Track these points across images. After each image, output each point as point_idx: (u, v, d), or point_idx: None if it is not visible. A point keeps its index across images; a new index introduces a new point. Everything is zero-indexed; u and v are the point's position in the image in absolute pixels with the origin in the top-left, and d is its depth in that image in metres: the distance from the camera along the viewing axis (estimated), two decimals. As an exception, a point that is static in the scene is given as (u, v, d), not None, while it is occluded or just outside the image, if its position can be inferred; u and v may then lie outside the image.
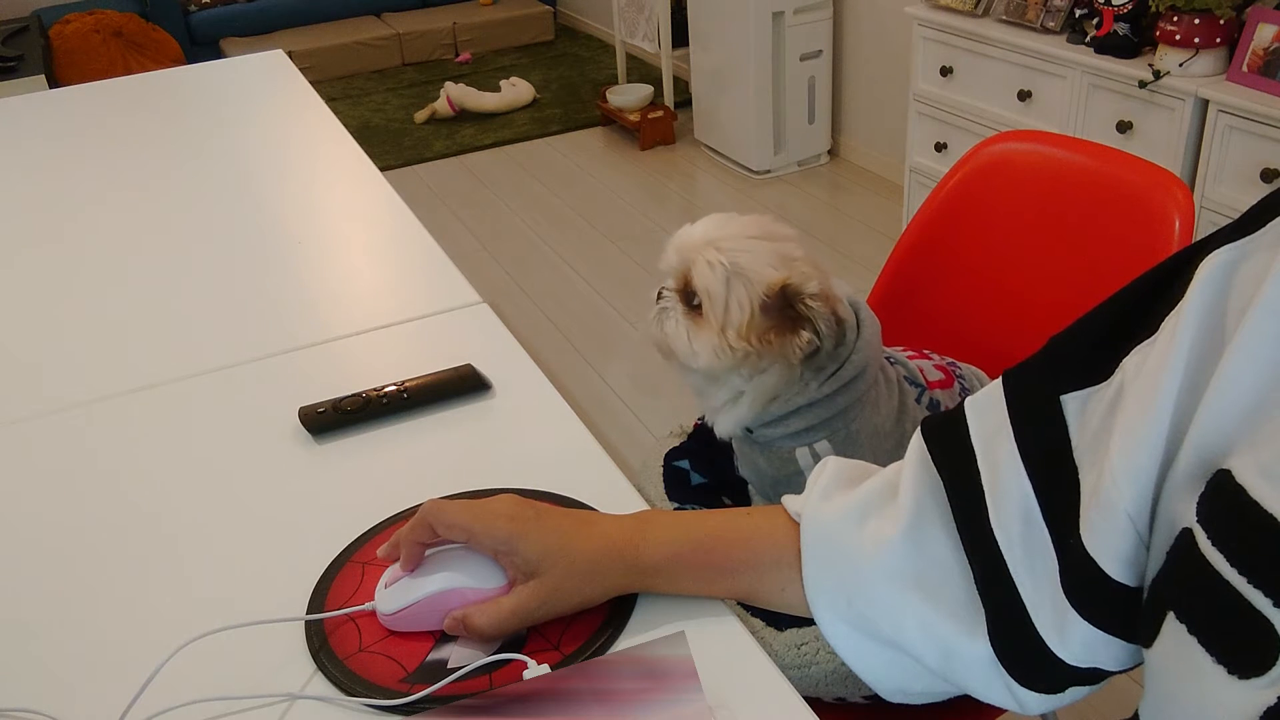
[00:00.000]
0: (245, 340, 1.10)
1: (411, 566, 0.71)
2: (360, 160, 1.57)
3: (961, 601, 0.62)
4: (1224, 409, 0.48)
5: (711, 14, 3.69)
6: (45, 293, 1.24)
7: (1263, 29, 2.08)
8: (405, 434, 0.93)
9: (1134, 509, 0.52)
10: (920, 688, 0.66)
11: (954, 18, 2.68)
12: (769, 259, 0.99)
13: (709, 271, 0.98)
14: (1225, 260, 0.50)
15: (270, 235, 1.35)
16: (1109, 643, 0.56)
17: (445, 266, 1.23)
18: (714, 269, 0.98)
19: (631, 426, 2.52)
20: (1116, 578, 0.54)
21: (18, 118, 1.86)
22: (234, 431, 0.95)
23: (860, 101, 3.70)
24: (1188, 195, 1.10)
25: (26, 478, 0.92)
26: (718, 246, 0.99)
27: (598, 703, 0.62)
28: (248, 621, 0.71)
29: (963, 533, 0.61)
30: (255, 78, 2.04)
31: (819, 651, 0.99)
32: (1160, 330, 0.53)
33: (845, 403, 1.02)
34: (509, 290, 3.17)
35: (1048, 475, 0.57)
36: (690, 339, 1.01)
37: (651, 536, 0.71)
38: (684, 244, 1.02)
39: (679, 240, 1.03)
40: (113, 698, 0.66)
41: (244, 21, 5.23)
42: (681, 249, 1.02)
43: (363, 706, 0.66)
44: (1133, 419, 0.52)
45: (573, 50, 5.42)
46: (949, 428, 0.63)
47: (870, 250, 3.21)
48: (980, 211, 1.28)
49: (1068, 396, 0.57)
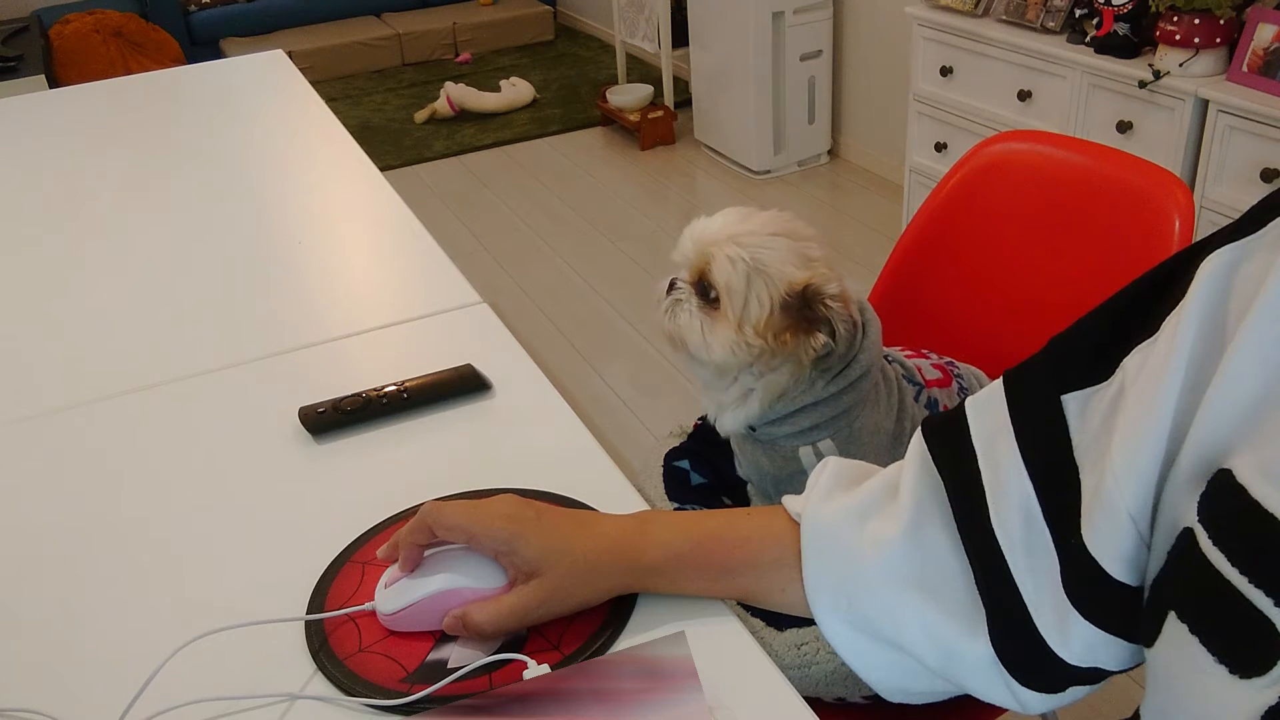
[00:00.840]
0: (245, 340, 1.10)
1: (410, 568, 0.71)
2: (360, 160, 1.57)
3: (962, 601, 0.62)
4: (1225, 409, 0.48)
5: (711, 14, 3.69)
6: (45, 292, 1.24)
7: (1263, 29, 2.08)
8: (405, 434, 0.93)
9: (1135, 509, 0.52)
10: (921, 688, 0.67)
11: (954, 18, 2.68)
12: (790, 257, 0.98)
13: (730, 266, 0.97)
14: (1226, 260, 0.50)
15: (270, 235, 1.35)
16: (1110, 642, 0.56)
17: (445, 266, 1.23)
18: (735, 264, 0.97)
19: (631, 426, 2.52)
20: (1118, 577, 0.54)
21: (18, 118, 1.86)
22: (234, 432, 0.95)
23: (860, 101, 3.70)
24: (1188, 195, 1.10)
25: (26, 478, 0.92)
26: (739, 242, 0.98)
27: (598, 703, 0.62)
28: (248, 621, 0.71)
29: (963, 533, 0.61)
30: (255, 78, 2.04)
31: (819, 651, 0.99)
32: (1161, 330, 0.53)
33: (850, 402, 1.02)
34: (509, 290, 3.17)
35: (1049, 475, 0.57)
36: (705, 333, 1.00)
37: (652, 537, 0.71)
38: (702, 236, 1.00)
39: (697, 232, 1.01)
40: (113, 698, 0.66)
41: (244, 21, 5.23)
42: (699, 241, 1.00)
43: (363, 706, 0.66)
44: (1134, 419, 0.52)
45: (573, 50, 5.42)
46: (950, 428, 0.63)
47: (870, 250, 3.21)
48: (980, 211, 1.28)
49: (1068, 396, 0.57)
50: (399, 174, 4.02)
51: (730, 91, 3.69)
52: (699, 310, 1.01)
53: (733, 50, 3.60)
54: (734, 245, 0.97)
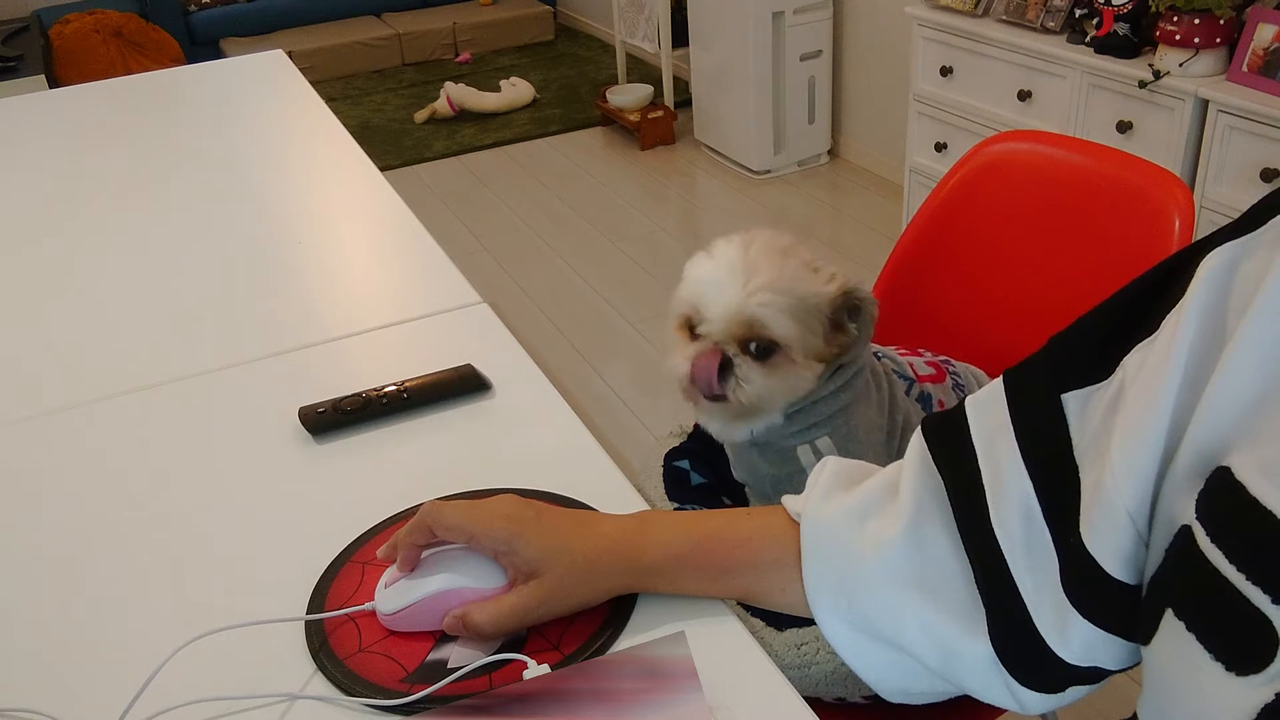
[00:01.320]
0: (245, 340, 1.10)
1: (409, 568, 0.71)
2: (360, 160, 1.57)
3: (962, 601, 0.62)
4: (1224, 406, 0.48)
5: (711, 14, 3.69)
6: (45, 292, 1.24)
7: (1263, 29, 2.08)
8: (405, 434, 0.93)
9: (1134, 507, 0.52)
10: (921, 687, 0.66)
11: (954, 18, 2.68)
12: (806, 274, 0.97)
13: (783, 318, 0.94)
14: (1226, 258, 0.50)
15: (270, 235, 1.35)
16: (1109, 641, 0.56)
17: (445, 266, 1.23)
18: (785, 313, 0.94)
19: (631, 426, 2.52)
20: (1117, 576, 0.54)
21: (18, 118, 1.86)
22: (234, 431, 0.95)
23: (860, 101, 3.70)
24: (1188, 195, 1.10)
25: (26, 478, 0.92)
26: (771, 289, 0.94)
27: (598, 703, 0.62)
28: (248, 621, 0.71)
29: (963, 532, 0.61)
30: (255, 78, 2.04)
31: (819, 651, 0.99)
32: (1161, 329, 0.53)
33: (848, 399, 1.02)
34: (509, 290, 3.17)
35: (1048, 474, 0.57)
36: (778, 389, 0.97)
37: (651, 537, 0.71)
38: (728, 304, 0.95)
39: (720, 305, 0.95)
40: (113, 698, 0.66)
41: (244, 21, 5.23)
42: (728, 309, 0.95)
43: (363, 706, 0.66)
44: (1133, 417, 0.52)
45: (573, 50, 5.42)
46: (950, 427, 0.63)
47: (870, 250, 3.21)
48: (980, 211, 1.28)
49: (1068, 395, 0.57)
50: (399, 174, 4.02)
51: (730, 91, 3.70)
52: (763, 371, 0.96)
53: (733, 50, 3.60)
54: (770, 293, 0.94)
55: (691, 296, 0.97)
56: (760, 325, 0.95)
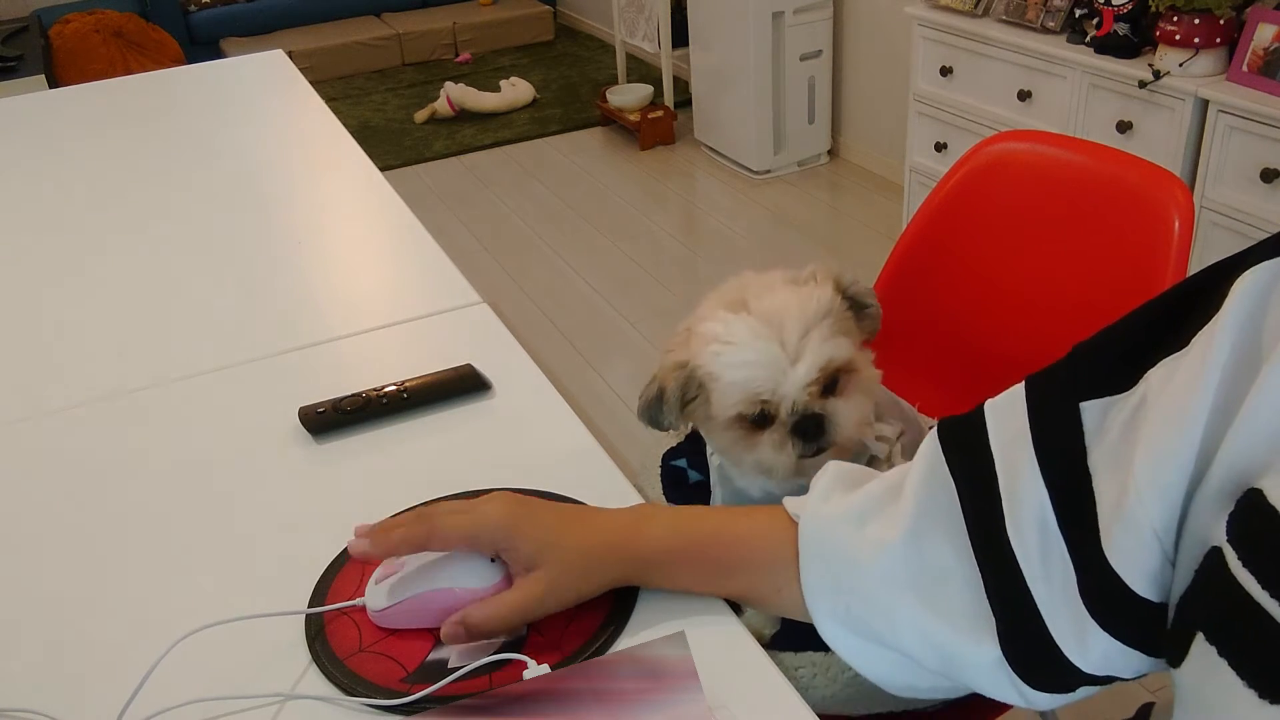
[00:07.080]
0: (245, 340, 1.10)
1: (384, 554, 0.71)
2: (360, 160, 1.57)
3: (964, 606, 0.61)
4: (1258, 428, 0.47)
5: (711, 14, 3.69)
6: (45, 292, 1.24)
7: (1263, 29, 2.08)
8: (405, 434, 0.93)
9: (1161, 526, 0.52)
10: (926, 684, 0.66)
11: (954, 18, 2.68)
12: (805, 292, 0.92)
13: (826, 348, 0.88)
14: (1263, 277, 0.50)
15: (270, 235, 1.35)
16: (1130, 654, 0.56)
17: (445, 266, 1.23)
18: (827, 343, 0.89)
19: (631, 426, 2.52)
20: (1141, 593, 0.53)
21: (18, 118, 1.85)
22: (234, 431, 0.95)
23: (860, 101, 3.70)
24: (1187, 195, 1.10)
25: (26, 477, 0.92)
26: (806, 333, 0.88)
27: (598, 703, 0.62)
28: (244, 615, 0.71)
29: (975, 538, 0.61)
30: (255, 78, 2.04)
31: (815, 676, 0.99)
32: (1191, 345, 0.52)
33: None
34: (509, 290, 3.17)
35: (1064, 484, 0.57)
36: (862, 405, 0.92)
37: (648, 530, 0.71)
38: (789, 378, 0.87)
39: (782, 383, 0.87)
40: (112, 698, 0.66)
41: (244, 21, 5.23)
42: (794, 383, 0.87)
43: (363, 706, 0.66)
44: (1160, 433, 0.51)
45: (573, 50, 5.42)
46: (967, 431, 0.63)
47: (870, 250, 3.20)
48: (980, 211, 1.28)
49: (1087, 404, 0.56)
50: (399, 174, 4.02)
51: (730, 91, 3.70)
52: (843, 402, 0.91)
53: (733, 50, 3.60)
54: (810, 337, 0.88)
55: (744, 395, 0.89)
56: (824, 370, 0.89)
